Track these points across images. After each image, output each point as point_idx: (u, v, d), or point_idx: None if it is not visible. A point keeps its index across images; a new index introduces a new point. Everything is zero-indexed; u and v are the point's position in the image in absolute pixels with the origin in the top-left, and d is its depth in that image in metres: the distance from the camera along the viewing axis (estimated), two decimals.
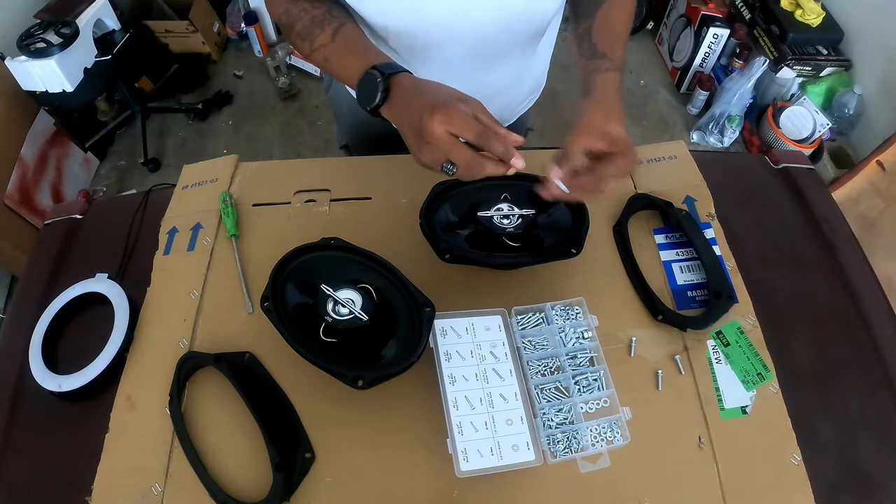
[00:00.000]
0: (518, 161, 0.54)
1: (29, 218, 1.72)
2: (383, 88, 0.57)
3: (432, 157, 0.54)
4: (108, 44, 1.88)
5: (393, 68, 0.58)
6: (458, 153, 0.52)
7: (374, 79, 0.57)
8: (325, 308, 0.62)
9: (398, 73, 0.58)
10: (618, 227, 0.77)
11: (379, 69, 0.58)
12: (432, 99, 0.53)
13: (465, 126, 0.52)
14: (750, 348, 0.68)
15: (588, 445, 0.60)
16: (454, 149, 0.52)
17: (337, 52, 0.64)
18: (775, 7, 2.00)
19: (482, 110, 0.54)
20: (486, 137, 0.52)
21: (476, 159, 0.53)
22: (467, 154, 0.52)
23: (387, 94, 0.57)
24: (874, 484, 0.61)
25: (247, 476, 0.59)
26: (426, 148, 0.54)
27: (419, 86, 0.56)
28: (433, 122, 0.52)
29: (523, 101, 0.96)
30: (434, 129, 0.52)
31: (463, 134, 0.52)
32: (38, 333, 0.69)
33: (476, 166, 0.53)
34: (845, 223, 0.82)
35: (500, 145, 0.52)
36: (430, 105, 0.52)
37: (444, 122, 0.52)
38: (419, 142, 0.54)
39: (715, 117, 2.07)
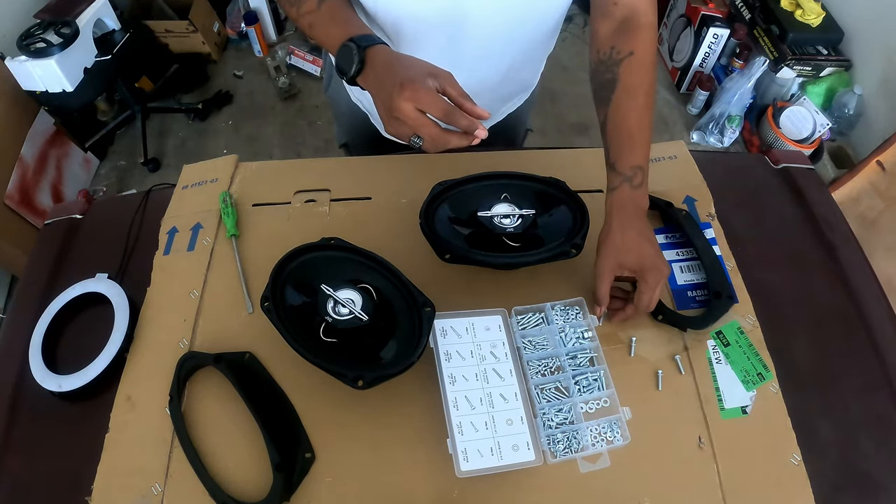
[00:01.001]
0: (481, 132, 0.56)
1: (29, 218, 1.72)
2: (359, 60, 0.59)
3: (400, 130, 0.57)
4: (108, 44, 1.88)
5: (370, 40, 0.60)
6: (424, 129, 0.55)
7: (351, 51, 0.60)
8: (325, 308, 0.62)
9: (374, 46, 0.60)
10: None
11: (356, 41, 0.60)
12: (402, 75, 0.55)
13: (430, 104, 0.54)
14: (750, 348, 0.68)
15: (588, 445, 0.60)
16: (420, 125, 0.55)
17: (321, 20, 0.65)
18: (775, 7, 2.00)
19: (451, 83, 0.56)
20: (451, 114, 0.54)
21: (440, 135, 0.55)
22: (432, 130, 0.55)
23: (362, 65, 0.60)
24: (874, 484, 0.61)
25: (247, 476, 0.59)
26: (394, 122, 0.56)
27: (392, 60, 0.58)
28: (401, 99, 0.54)
29: (508, 103, 0.95)
30: (401, 105, 0.54)
31: (429, 111, 0.54)
32: (38, 333, 0.69)
33: (440, 141, 0.56)
34: (845, 223, 0.82)
35: (464, 119, 0.55)
36: (400, 82, 0.55)
37: (410, 99, 0.54)
38: (388, 116, 0.57)
39: (715, 117, 2.07)
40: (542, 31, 0.78)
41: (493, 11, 0.70)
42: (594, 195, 0.80)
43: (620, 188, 0.65)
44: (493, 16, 0.70)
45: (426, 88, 0.54)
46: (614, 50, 0.67)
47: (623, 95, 0.66)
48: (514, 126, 1.03)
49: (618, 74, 0.66)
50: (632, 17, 0.67)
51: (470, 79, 0.79)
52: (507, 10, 0.70)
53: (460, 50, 0.74)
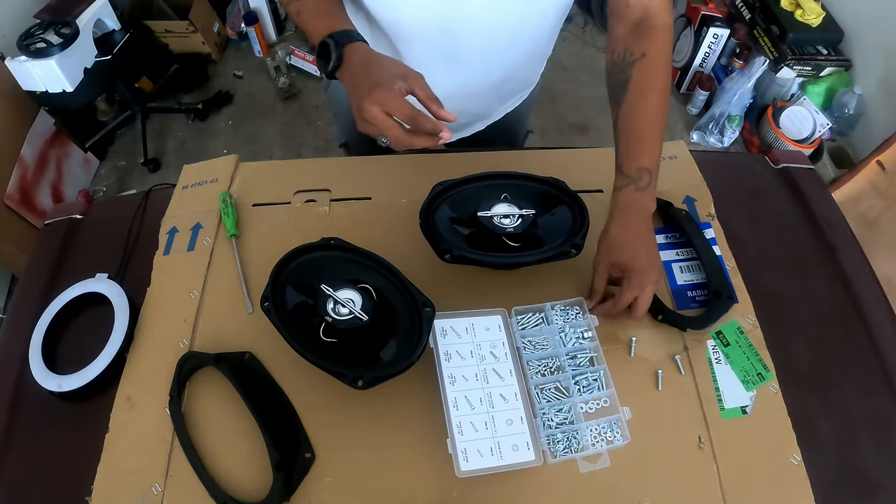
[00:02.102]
0: (445, 134, 0.57)
1: (29, 218, 1.72)
2: (336, 56, 0.61)
3: (368, 130, 0.59)
4: (108, 44, 1.88)
5: (348, 37, 0.62)
6: (390, 131, 0.57)
7: (328, 47, 0.61)
8: (324, 308, 0.62)
9: (352, 43, 0.61)
10: None
11: (335, 37, 0.61)
12: (372, 78, 0.58)
13: (396, 108, 0.56)
14: (750, 348, 0.68)
15: (588, 445, 0.60)
16: (386, 127, 0.57)
17: (308, 9, 0.67)
18: (775, 7, 2.00)
19: (420, 85, 0.58)
20: (415, 118, 0.56)
21: (404, 137, 0.57)
22: (397, 132, 0.57)
23: (339, 62, 0.61)
24: (874, 484, 0.61)
25: (247, 476, 0.59)
26: (363, 122, 0.59)
27: (366, 61, 0.60)
28: (368, 101, 0.56)
29: (507, 102, 0.95)
30: (369, 108, 0.56)
31: (395, 114, 0.56)
32: (38, 333, 0.69)
33: (404, 142, 0.57)
34: (845, 223, 0.82)
35: (427, 123, 0.56)
36: (369, 86, 0.57)
37: (377, 102, 0.56)
38: (358, 116, 0.59)
39: (715, 117, 2.07)
40: (542, 30, 0.78)
41: (493, 11, 0.70)
42: (594, 195, 0.80)
43: (625, 189, 0.65)
44: (492, 15, 0.70)
45: (393, 92, 0.56)
46: (627, 52, 0.67)
47: (635, 97, 0.66)
48: (514, 126, 1.03)
49: (630, 76, 0.66)
50: (645, 18, 0.68)
51: (470, 78, 0.80)
52: (508, 10, 0.70)
53: (460, 49, 0.74)
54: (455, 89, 0.80)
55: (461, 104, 0.86)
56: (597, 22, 2.51)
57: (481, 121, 0.95)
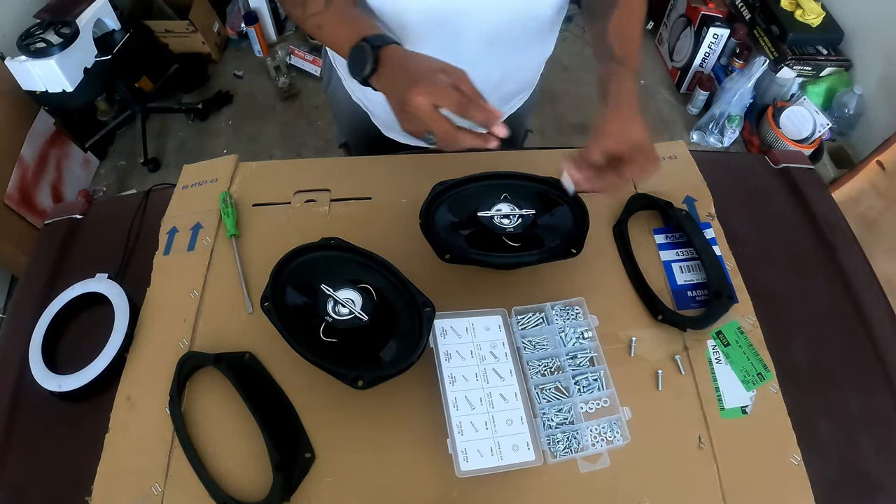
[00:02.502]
0: (500, 130, 0.55)
1: (29, 218, 1.72)
2: (372, 60, 0.59)
3: (414, 127, 0.56)
4: (108, 44, 1.88)
5: (383, 40, 0.60)
6: (436, 124, 0.54)
7: (364, 50, 0.59)
8: (325, 308, 0.62)
9: (388, 45, 0.59)
10: (618, 227, 0.77)
11: (369, 41, 0.59)
12: (415, 71, 0.56)
13: (444, 97, 0.53)
14: (750, 348, 0.68)
15: (588, 445, 0.60)
16: (432, 119, 0.54)
17: (330, 21, 0.65)
18: (775, 7, 2.00)
19: (464, 81, 0.56)
20: (465, 106, 0.54)
21: (453, 132, 0.54)
22: (446, 126, 0.54)
23: (376, 65, 0.59)
24: (874, 484, 0.61)
25: (247, 476, 0.59)
26: (408, 118, 0.56)
27: (406, 58, 0.58)
28: (414, 93, 0.54)
29: (509, 103, 0.95)
30: (414, 99, 0.54)
31: (443, 105, 0.54)
32: (38, 333, 0.69)
33: (453, 138, 0.55)
34: (845, 223, 0.82)
35: (479, 113, 0.54)
36: (413, 77, 0.55)
37: (423, 93, 0.54)
38: (402, 112, 0.56)
39: (715, 117, 2.07)
40: (541, 24, 0.78)
41: (495, 3, 0.70)
42: (594, 195, 0.80)
43: (626, 78, 0.65)
44: (494, 7, 0.71)
45: (439, 82, 0.54)
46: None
47: (625, 10, 0.69)
48: (514, 126, 1.02)
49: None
50: None
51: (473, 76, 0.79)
52: (508, 3, 0.71)
53: (462, 46, 0.74)
54: None
55: None
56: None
57: None
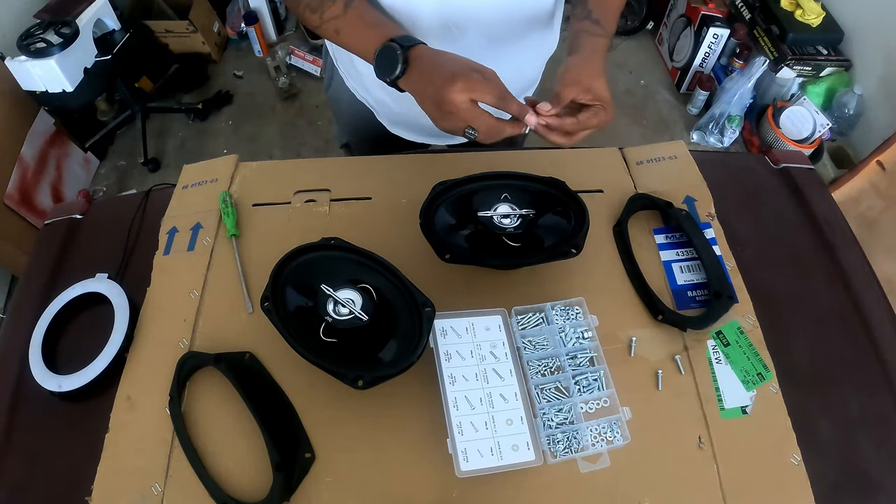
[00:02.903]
0: (531, 118, 0.58)
1: (29, 218, 1.72)
2: (403, 61, 0.59)
3: (453, 124, 0.58)
4: (108, 44, 1.88)
5: (410, 41, 0.60)
6: (479, 119, 0.56)
7: (394, 51, 0.60)
8: (325, 308, 0.62)
9: (416, 46, 0.60)
10: (618, 227, 0.77)
11: (398, 42, 0.60)
12: (451, 69, 0.56)
13: (485, 91, 0.55)
14: (750, 348, 0.68)
15: (588, 445, 0.60)
16: (475, 115, 0.56)
17: (350, 24, 0.65)
18: (775, 7, 2.00)
19: (496, 78, 0.58)
20: (505, 100, 0.56)
21: (496, 124, 0.56)
22: (488, 119, 0.56)
23: (406, 65, 0.60)
24: (874, 484, 0.61)
25: (247, 476, 0.59)
26: (447, 116, 0.57)
27: (437, 57, 0.59)
28: (453, 91, 0.55)
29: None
30: (454, 97, 0.55)
31: (484, 98, 0.55)
32: (38, 333, 0.69)
33: (496, 129, 0.57)
34: (845, 223, 0.82)
35: (514, 104, 0.57)
36: (450, 75, 0.56)
37: (464, 90, 0.55)
38: (440, 111, 0.58)
39: (715, 117, 2.07)
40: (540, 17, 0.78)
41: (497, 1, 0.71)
42: (594, 195, 0.80)
43: (602, 38, 0.68)
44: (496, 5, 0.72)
45: (479, 79, 0.55)
46: None
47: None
48: None
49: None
50: None
51: None
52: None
53: (468, 44, 0.75)
54: None
55: None
56: None
57: None
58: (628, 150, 0.87)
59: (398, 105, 0.88)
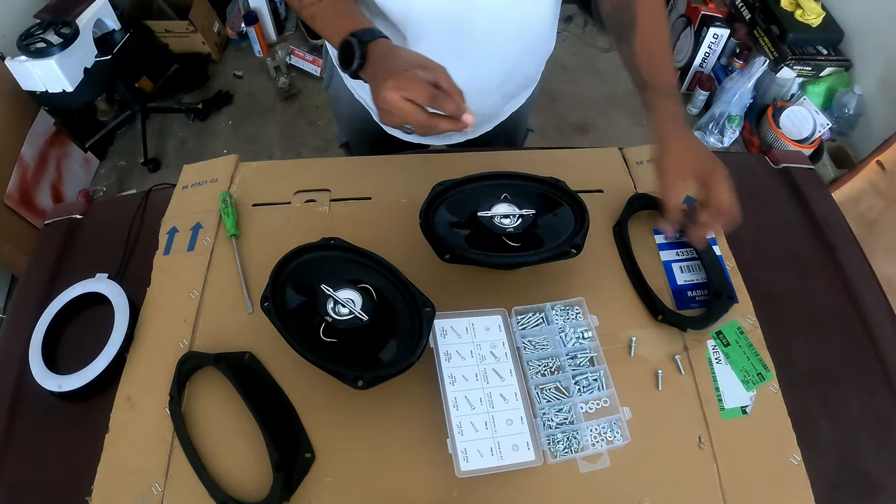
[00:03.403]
0: (468, 116, 0.57)
1: (29, 218, 1.72)
2: (360, 55, 0.60)
3: (390, 120, 0.58)
4: (108, 44, 1.88)
5: (370, 35, 0.61)
6: (411, 116, 0.56)
7: (352, 45, 0.61)
8: (325, 308, 0.62)
9: (375, 40, 0.61)
10: (618, 227, 0.77)
11: (357, 35, 0.61)
12: (390, 67, 0.57)
13: (415, 91, 0.55)
14: (750, 348, 0.68)
15: (588, 445, 0.60)
16: (406, 112, 0.56)
17: (324, 12, 0.66)
18: (775, 7, 2.00)
19: (444, 77, 0.57)
20: (437, 99, 0.56)
21: (428, 120, 0.56)
22: (420, 116, 0.56)
23: (363, 59, 0.61)
24: (874, 484, 0.61)
25: (247, 476, 0.59)
26: (384, 113, 0.58)
27: (388, 54, 0.60)
28: (385, 89, 0.56)
29: (512, 100, 0.95)
30: (386, 95, 0.56)
31: (415, 98, 0.56)
32: (38, 333, 0.69)
33: (429, 125, 0.57)
34: (845, 223, 0.82)
35: (450, 103, 0.56)
36: (386, 74, 0.57)
37: (395, 88, 0.56)
38: (378, 108, 0.58)
39: (715, 117, 2.07)
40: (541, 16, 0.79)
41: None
42: (594, 195, 0.80)
43: (665, 104, 0.68)
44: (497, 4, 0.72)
45: (411, 77, 0.56)
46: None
47: (646, 30, 0.72)
48: (515, 126, 1.03)
49: (635, 13, 0.72)
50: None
51: (477, 73, 0.80)
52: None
53: (466, 42, 0.75)
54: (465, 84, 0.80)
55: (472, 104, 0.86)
56: (596, 22, 2.51)
57: (490, 122, 0.96)
58: (628, 150, 0.87)
59: None
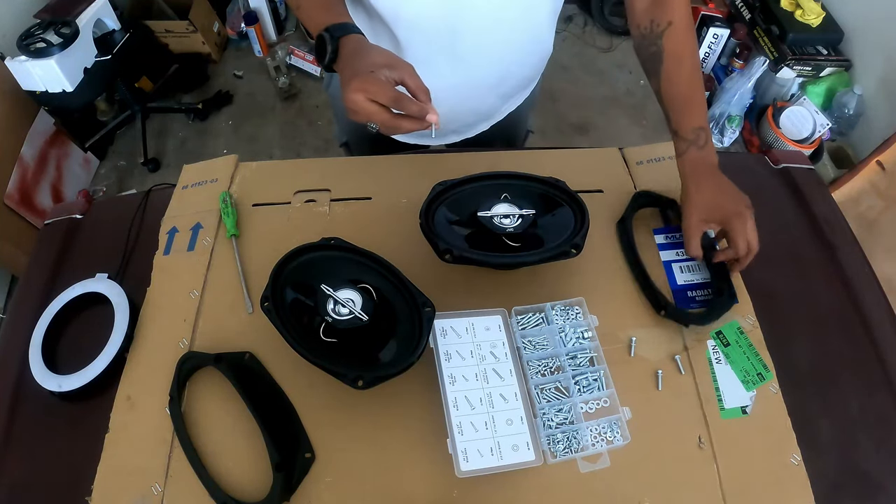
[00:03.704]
0: (432, 115, 0.58)
1: (29, 218, 1.72)
2: (332, 49, 0.62)
3: (356, 118, 0.59)
4: (108, 44, 1.88)
5: (343, 31, 0.62)
6: (375, 117, 0.57)
7: (325, 40, 0.62)
8: (325, 308, 0.62)
9: (347, 35, 0.62)
10: (621, 224, 0.77)
11: (330, 30, 0.62)
12: (356, 68, 0.59)
13: (377, 92, 0.56)
14: (750, 348, 0.68)
15: (588, 445, 0.60)
16: (370, 112, 0.57)
17: (307, 2, 0.67)
18: (775, 7, 2.00)
19: (410, 75, 0.59)
20: (399, 100, 0.57)
21: (391, 120, 0.58)
22: (384, 116, 0.57)
23: (335, 55, 0.62)
24: (874, 484, 0.61)
25: (247, 476, 0.59)
26: (350, 112, 0.59)
27: (357, 51, 0.61)
28: (349, 90, 0.57)
29: (510, 100, 0.95)
30: (350, 96, 0.57)
31: (377, 100, 0.57)
32: (38, 333, 0.69)
33: (392, 125, 0.58)
34: (845, 223, 0.82)
35: (413, 105, 0.57)
36: (351, 74, 0.58)
37: (358, 90, 0.57)
38: (346, 106, 0.59)
39: (715, 117, 2.07)
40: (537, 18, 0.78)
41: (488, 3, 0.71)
42: (594, 195, 0.80)
43: (688, 152, 0.69)
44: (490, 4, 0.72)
45: (374, 78, 0.57)
46: (654, 23, 0.71)
47: (671, 65, 0.70)
48: (514, 126, 1.02)
49: (662, 46, 0.70)
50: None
51: (472, 72, 0.80)
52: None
53: (460, 41, 0.75)
54: (459, 84, 0.80)
55: (467, 103, 0.87)
56: (596, 22, 2.51)
57: (486, 121, 0.95)
58: (628, 150, 0.87)
59: None
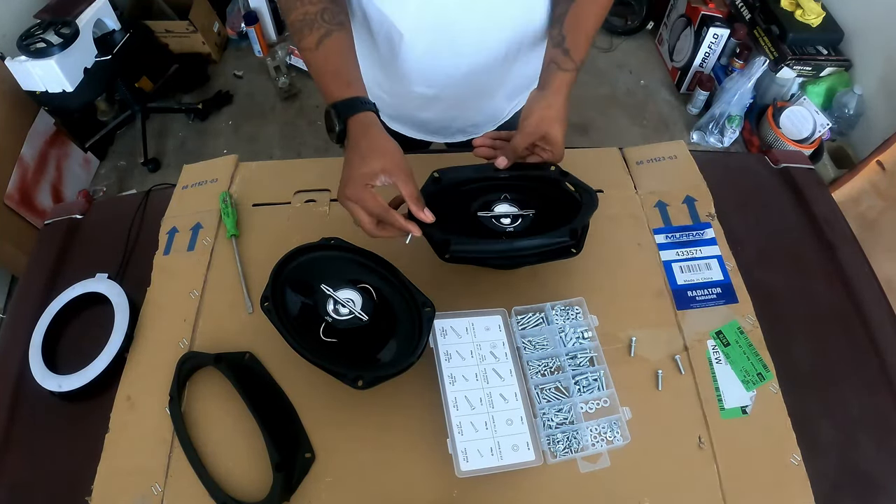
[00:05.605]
0: (414, 230, 0.61)
1: (29, 218, 1.72)
2: (339, 130, 0.63)
3: (346, 209, 0.62)
4: (108, 44, 1.88)
5: (351, 109, 0.63)
6: (363, 223, 0.61)
7: (333, 119, 0.63)
8: (325, 308, 0.62)
9: (355, 116, 0.63)
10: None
11: (338, 108, 0.63)
12: (354, 175, 0.60)
13: (369, 207, 0.59)
14: (750, 348, 0.68)
15: (588, 445, 0.60)
16: (360, 220, 0.61)
17: (317, 62, 0.67)
18: (775, 7, 2.00)
19: (405, 182, 0.60)
20: (385, 218, 0.60)
21: (373, 231, 0.61)
22: (369, 227, 0.61)
23: (344, 134, 0.64)
24: (874, 484, 0.61)
25: (247, 476, 0.59)
26: (342, 203, 0.62)
27: (361, 143, 0.62)
28: (345, 196, 0.61)
29: (514, 100, 0.95)
30: (345, 201, 0.61)
31: (366, 209, 0.60)
32: (38, 333, 0.69)
33: (373, 234, 0.61)
34: (845, 223, 0.82)
35: (396, 224, 0.60)
36: (348, 178, 0.61)
37: (349, 197, 0.60)
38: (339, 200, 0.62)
39: (715, 117, 2.07)
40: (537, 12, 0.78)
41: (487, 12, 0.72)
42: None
43: (569, 73, 0.69)
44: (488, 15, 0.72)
45: (368, 193, 0.59)
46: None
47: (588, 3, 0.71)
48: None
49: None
50: None
51: (473, 67, 0.80)
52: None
53: (461, 44, 0.75)
54: (464, 84, 0.80)
55: (473, 102, 0.87)
56: None
57: (491, 122, 0.96)
58: (628, 150, 0.87)
59: (394, 101, 0.88)
